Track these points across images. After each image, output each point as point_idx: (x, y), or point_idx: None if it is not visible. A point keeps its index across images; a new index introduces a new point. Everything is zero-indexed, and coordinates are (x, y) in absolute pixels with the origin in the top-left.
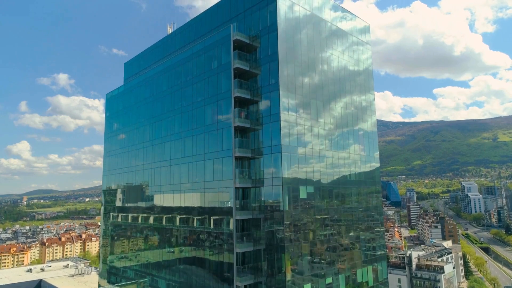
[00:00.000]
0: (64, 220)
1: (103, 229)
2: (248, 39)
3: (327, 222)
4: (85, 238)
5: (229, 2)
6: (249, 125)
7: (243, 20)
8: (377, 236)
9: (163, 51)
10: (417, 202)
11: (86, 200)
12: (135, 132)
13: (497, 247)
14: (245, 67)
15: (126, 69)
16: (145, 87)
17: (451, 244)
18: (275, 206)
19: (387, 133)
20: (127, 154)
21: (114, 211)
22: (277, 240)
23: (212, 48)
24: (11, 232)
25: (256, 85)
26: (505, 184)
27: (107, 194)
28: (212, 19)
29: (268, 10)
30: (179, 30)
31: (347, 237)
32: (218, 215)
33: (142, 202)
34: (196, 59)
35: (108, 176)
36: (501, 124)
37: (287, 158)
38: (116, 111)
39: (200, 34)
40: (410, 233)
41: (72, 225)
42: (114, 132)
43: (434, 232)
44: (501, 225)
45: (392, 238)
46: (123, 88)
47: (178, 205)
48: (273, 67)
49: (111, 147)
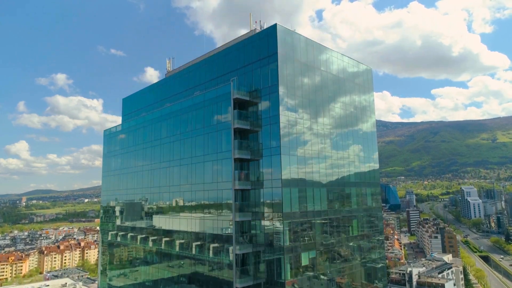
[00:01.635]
0: (63, 222)
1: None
2: (249, 96)
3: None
4: (83, 246)
5: (230, 55)
6: (250, 187)
7: (244, 75)
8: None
9: (162, 93)
10: (416, 205)
11: (85, 201)
12: (133, 176)
13: (497, 256)
14: (246, 126)
15: (124, 104)
16: (144, 131)
17: (452, 258)
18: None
19: (386, 133)
20: (125, 196)
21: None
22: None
23: (212, 104)
24: (9, 238)
25: (257, 143)
26: (505, 186)
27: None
28: (212, 68)
29: (269, 68)
30: (179, 75)
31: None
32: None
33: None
34: (195, 111)
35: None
36: (500, 125)
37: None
38: (114, 149)
39: (200, 83)
40: (409, 240)
41: (71, 230)
42: (111, 171)
43: (434, 242)
44: (501, 231)
45: (392, 248)
46: (122, 128)
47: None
48: (275, 129)
49: (108, 185)
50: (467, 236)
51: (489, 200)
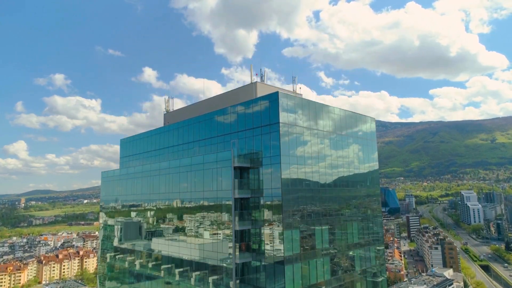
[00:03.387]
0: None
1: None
2: (250, 163)
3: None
4: (82, 255)
5: (231, 116)
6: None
7: (244, 138)
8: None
9: (159, 143)
10: (416, 208)
11: (85, 202)
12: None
13: (497, 265)
14: (246, 195)
15: (122, 146)
16: (141, 180)
17: (452, 273)
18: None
19: (385, 133)
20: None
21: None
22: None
23: (211, 167)
24: (8, 244)
25: (258, 212)
26: (504, 188)
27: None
28: (211, 125)
29: (270, 136)
30: (178, 126)
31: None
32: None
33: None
34: (194, 171)
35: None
36: (499, 125)
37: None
38: (112, 194)
39: (199, 138)
40: (409, 246)
41: (70, 236)
42: (109, 212)
43: (434, 253)
44: (501, 238)
45: (392, 258)
46: (120, 173)
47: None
48: (276, 194)
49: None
50: (466, 243)
51: (488, 204)
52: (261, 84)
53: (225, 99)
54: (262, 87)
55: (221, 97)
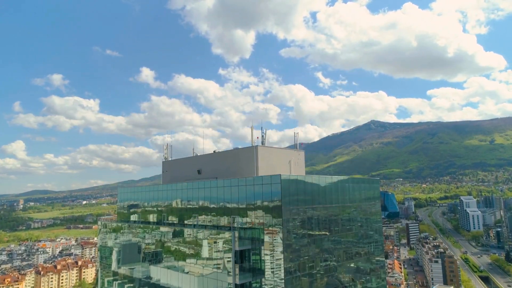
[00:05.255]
0: (60, 229)
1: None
2: (251, 244)
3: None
4: (81, 265)
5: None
6: None
7: (245, 216)
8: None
9: (156, 198)
10: (415, 211)
11: (83, 203)
12: None
13: (497, 277)
14: (247, 280)
15: (120, 193)
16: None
17: None
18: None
19: (384, 134)
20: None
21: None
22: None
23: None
24: (6, 253)
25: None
26: (503, 190)
27: None
28: (211, 194)
29: (272, 215)
30: (177, 187)
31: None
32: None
33: None
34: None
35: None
36: (497, 126)
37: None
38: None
39: (198, 205)
40: (409, 255)
41: (68, 242)
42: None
43: (434, 267)
44: (501, 246)
45: (392, 271)
46: (115, 225)
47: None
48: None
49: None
50: (466, 252)
51: (488, 210)
52: (262, 148)
53: (225, 158)
54: (263, 150)
55: (221, 155)
